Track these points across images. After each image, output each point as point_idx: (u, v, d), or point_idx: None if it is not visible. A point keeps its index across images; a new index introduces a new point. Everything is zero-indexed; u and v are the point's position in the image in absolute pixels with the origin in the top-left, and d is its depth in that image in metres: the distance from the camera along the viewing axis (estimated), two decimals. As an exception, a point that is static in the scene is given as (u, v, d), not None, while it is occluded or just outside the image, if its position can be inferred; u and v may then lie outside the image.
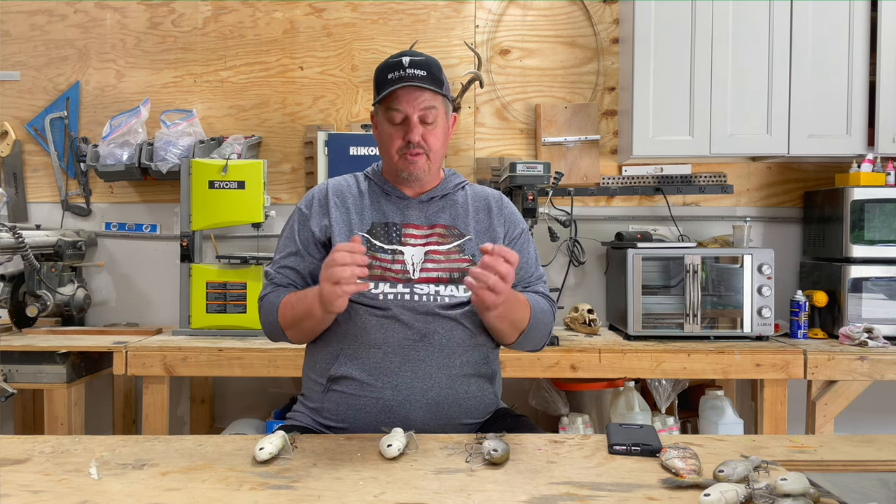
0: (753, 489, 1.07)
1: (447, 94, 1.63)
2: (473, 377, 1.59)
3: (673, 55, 2.80)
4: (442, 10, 3.14)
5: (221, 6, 3.15)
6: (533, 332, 1.59)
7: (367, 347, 1.54)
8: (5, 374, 2.55)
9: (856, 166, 2.79)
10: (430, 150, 1.59)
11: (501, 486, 1.16)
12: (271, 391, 3.15)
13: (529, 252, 1.70)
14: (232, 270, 2.76)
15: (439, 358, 1.54)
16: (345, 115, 3.16)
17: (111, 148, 2.99)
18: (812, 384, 2.54)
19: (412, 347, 1.53)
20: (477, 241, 1.63)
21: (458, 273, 1.58)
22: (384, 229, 1.61)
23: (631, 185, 3.14)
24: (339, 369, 1.55)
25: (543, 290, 1.69)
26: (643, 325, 2.69)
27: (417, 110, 1.56)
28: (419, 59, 1.58)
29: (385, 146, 1.62)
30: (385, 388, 1.52)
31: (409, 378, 1.52)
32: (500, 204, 1.71)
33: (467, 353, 1.57)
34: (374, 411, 1.52)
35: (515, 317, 1.54)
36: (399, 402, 1.52)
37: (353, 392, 1.54)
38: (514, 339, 1.59)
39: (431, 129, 1.59)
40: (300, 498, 1.11)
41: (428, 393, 1.53)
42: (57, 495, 1.12)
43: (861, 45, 2.77)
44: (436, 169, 1.65)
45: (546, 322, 1.63)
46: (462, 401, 1.56)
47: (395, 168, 1.62)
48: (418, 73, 1.55)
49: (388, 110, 1.59)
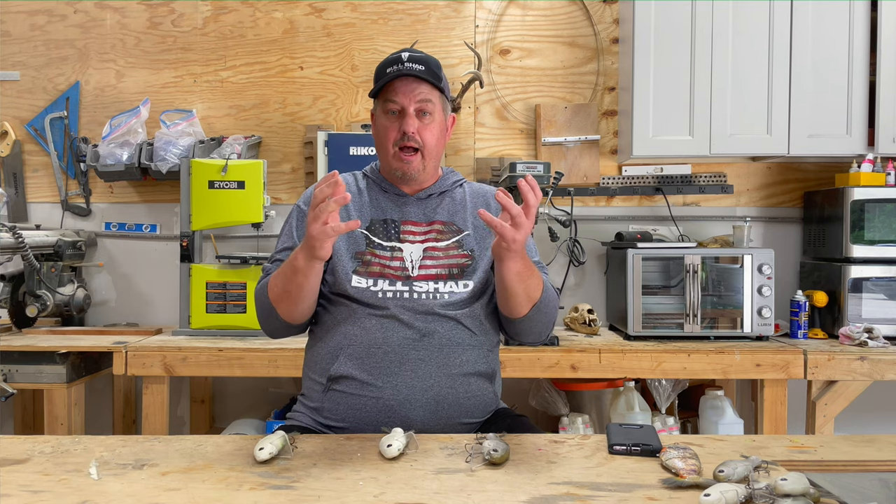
0: (753, 489, 1.07)
1: (445, 91, 1.64)
2: (473, 376, 1.58)
3: (673, 55, 2.80)
4: (442, 10, 3.14)
5: (221, 6, 3.15)
6: (543, 308, 1.56)
7: (366, 347, 1.54)
8: (5, 374, 2.55)
9: (856, 166, 2.79)
10: (424, 147, 1.60)
11: (501, 486, 1.16)
12: (271, 391, 3.15)
13: (528, 244, 1.68)
14: (232, 270, 2.76)
15: (439, 357, 1.54)
16: (345, 115, 3.16)
17: (111, 148, 2.99)
18: (812, 384, 2.54)
19: (412, 347, 1.53)
20: (475, 236, 1.64)
21: (456, 269, 1.59)
22: (383, 226, 1.62)
23: (631, 185, 3.13)
24: (338, 369, 1.55)
25: (546, 279, 1.67)
26: (643, 325, 2.69)
27: (414, 102, 1.58)
28: (418, 55, 1.61)
29: (381, 141, 1.63)
30: (385, 387, 1.52)
31: (409, 377, 1.52)
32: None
33: (467, 353, 1.57)
34: (374, 411, 1.52)
35: (531, 282, 1.52)
36: (399, 402, 1.51)
37: (354, 392, 1.54)
38: (526, 311, 1.55)
39: (427, 124, 1.60)
40: (300, 498, 1.11)
41: (428, 392, 1.53)
42: (57, 495, 1.12)
43: (861, 45, 2.77)
44: (431, 168, 1.65)
45: (553, 304, 1.61)
46: (462, 400, 1.56)
47: (391, 166, 1.62)
48: (416, 67, 1.57)
49: (385, 102, 1.60)
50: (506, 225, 1.37)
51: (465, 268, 1.61)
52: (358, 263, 1.58)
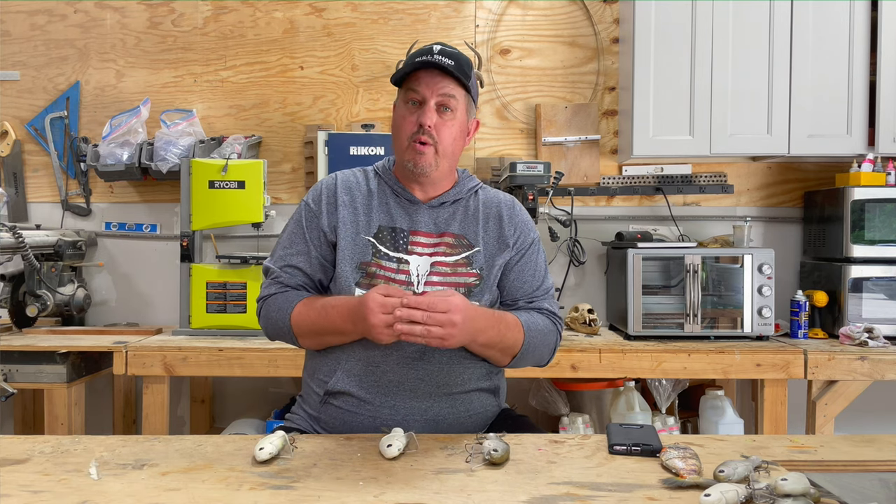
0: (754, 489, 1.07)
1: (472, 91, 1.56)
2: (475, 392, 1.55)
3: (673, 55, 2.80)
4: (442, 10, 3.14)
5: (221, 6, 3.15)
6: (528, 354, 1.54)
7: (365, 364, 1.50)
8: (5, 374, 2.55)
9: (856, 166, 2.79)
10: (439, 143, 1.52)
11: (501, 486, 1.16)
12: (271, 391, 3.15)
13: (538, 263, 1.63)
14: (232, 270, 2.76)
15: (439, 377, 1.50)
16: (345, 114, 3.16)
17: (111, 148, 2.98)
18: (812, 384, 2.54)
19: (411, 366, 1.49)
20: (485, 253, 1.57)
21: (463, 288, 1.52)
22: (391, 234, 1.54)
23: (631, 184, 3.13)
24: (336, 384, 1.51)
25: (549, 306, 1.62)
26: (643, 325, 2.69)
27: (436, 94, 1.50)
28: (451, 50, 1.53)
29: (397, 132, 1.56)
30: (383, 407, 1.49)
31: (408, 398, 1.49)
32: (512, 212, 1.63)
33: (469, 370, 1.53)
34: (371, 429, 1.48)
35: (505, 343, 1.49)
36: (397, 422, 1.46)
37: (351, 409, 1.50)
38: (507, 363, 1.55)
39: (447, 121, 1.52)
40: (300, 498, 1.11)
41: (427, 413, 1.50)
42: (57, 495, 1.12)
43: (861, 45, 2.76)
44: (446, 168, 1.56)
45: (545, 342, 1.57)
46: (463, 419, 1.53)
47: (403, 158, 1.54)
48: (445, 61, 1.49)
49: (407, 91, 1.53)
50: (433, 339, 1.33)
51: (473, 288, 1.54)
52: (361, 275, 1.52)
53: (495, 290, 1.58)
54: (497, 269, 1.57)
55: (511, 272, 1.60)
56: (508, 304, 1.61)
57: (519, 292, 1.60)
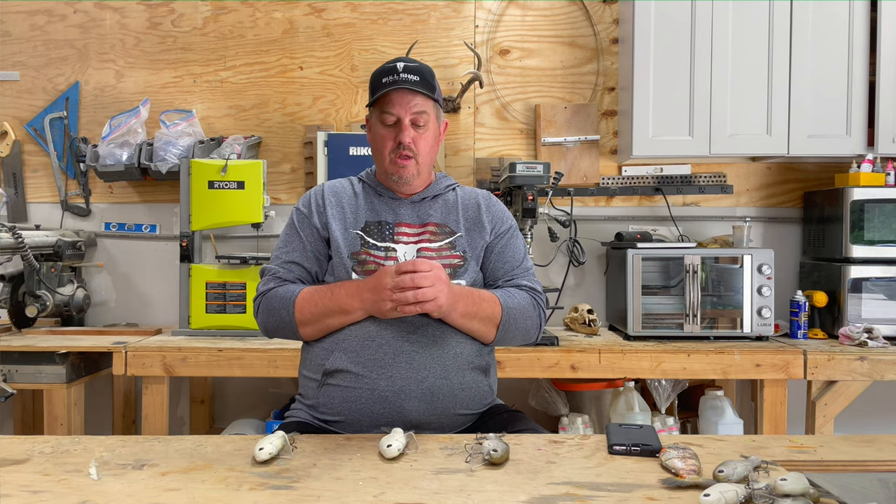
0: (753, 489, 1.07)
1: (439, 99, 1.69)
2: (468, 369, 1.60)
3: (673, 55, 2.80)
4: (442, 10, 3.14)
5: (221, 6, 3.15)
6: (510, 326, 1.62)
7: (360, 341, 1.56)
8: (5, 374, 2.55)
9: (856, 166, 2.79)
10: (418, 154, 1.65)
11: (501, 486, 1.16)
12: (271, 391, 3.15)
13: (517, 246, 1.74)
14: (232, 270, 2.76)
15: (433, 349, 1.56)
16: (344, 115, 3.16)
17: (111, 148, 2.98)
18: (812, 384, 2.54)
19: (405, 339, 1.56)
20: (467, 237, 1.68)
21: (449, 269, 1.61)
22: (377, 227, 1.66)
23: (631, 185, 3.14)
24: (333, 363, 1.57)
25: (527, 282, 1.71)
26: (643, 326, 2.69)
27: (409, 113, 1.63)
28: (413, 65, 1.66)
29: (378, 148, 1.69)
30: (379, 378, 1.54)
31: (404, 369, 1.54)
32: (489, 202, 1.76)
33: (460, 346, 1.60)
34: (370, 403, 1.54)
35: (483, 313, 1.59)
36: (394, 393, 1.53)
37: (348, 385, 1.55)
38: (493, 337, 1.63)
39: (422, 133, 1.66)
40: (300, 498, 1.11)
41: (423, 383, 1.54)
42: (57, 495, 1.12)
43: (861, 45, 2.77)
44: (425, 172, 1.70)
45: (525, 315, 1.65)
46: (457, 391, 1.58)
47: (386, 171, 1.68)
48: (411, 78, 1.62)
49: (381, 113, 1.66)
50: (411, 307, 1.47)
51: (458, 268, 1.65)
52: (354, 263, 1.63)
53: (479, 271, 1.69)
54: (479, 251, 1.69)
55: (491, 255, 1.72)
56: (490, 284, 1.71)
57: (499, 272, 1.71)
